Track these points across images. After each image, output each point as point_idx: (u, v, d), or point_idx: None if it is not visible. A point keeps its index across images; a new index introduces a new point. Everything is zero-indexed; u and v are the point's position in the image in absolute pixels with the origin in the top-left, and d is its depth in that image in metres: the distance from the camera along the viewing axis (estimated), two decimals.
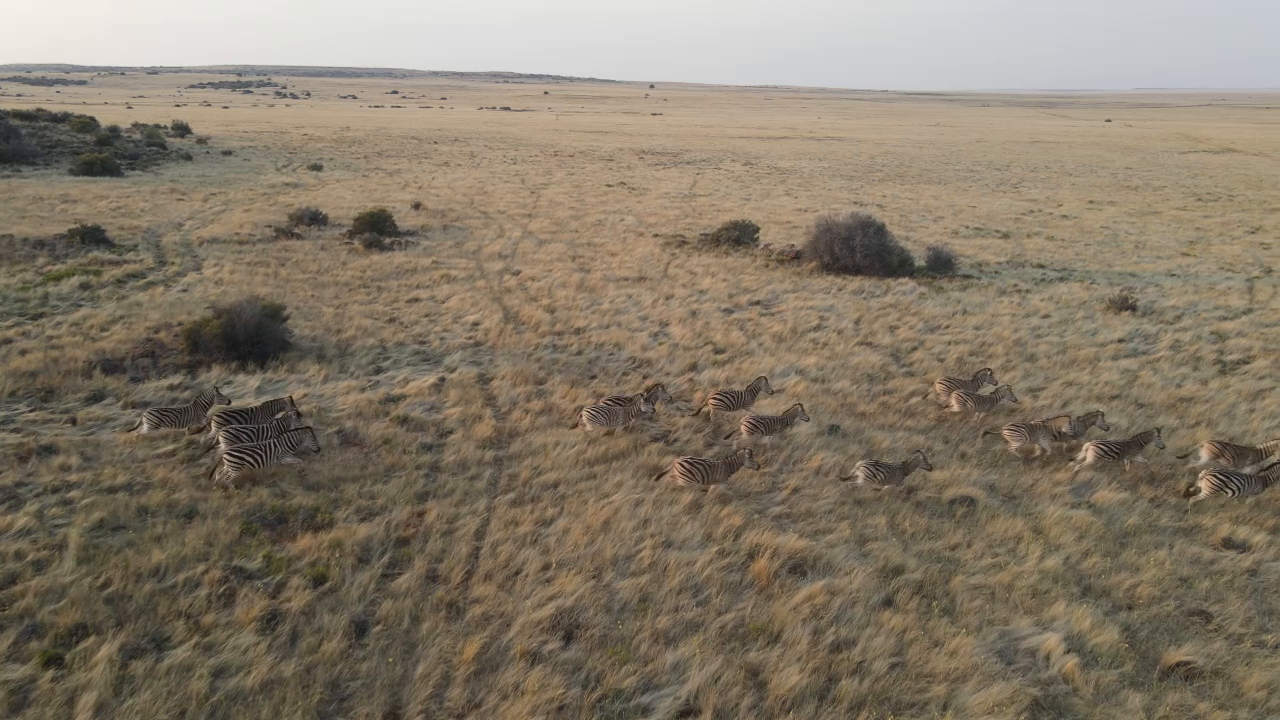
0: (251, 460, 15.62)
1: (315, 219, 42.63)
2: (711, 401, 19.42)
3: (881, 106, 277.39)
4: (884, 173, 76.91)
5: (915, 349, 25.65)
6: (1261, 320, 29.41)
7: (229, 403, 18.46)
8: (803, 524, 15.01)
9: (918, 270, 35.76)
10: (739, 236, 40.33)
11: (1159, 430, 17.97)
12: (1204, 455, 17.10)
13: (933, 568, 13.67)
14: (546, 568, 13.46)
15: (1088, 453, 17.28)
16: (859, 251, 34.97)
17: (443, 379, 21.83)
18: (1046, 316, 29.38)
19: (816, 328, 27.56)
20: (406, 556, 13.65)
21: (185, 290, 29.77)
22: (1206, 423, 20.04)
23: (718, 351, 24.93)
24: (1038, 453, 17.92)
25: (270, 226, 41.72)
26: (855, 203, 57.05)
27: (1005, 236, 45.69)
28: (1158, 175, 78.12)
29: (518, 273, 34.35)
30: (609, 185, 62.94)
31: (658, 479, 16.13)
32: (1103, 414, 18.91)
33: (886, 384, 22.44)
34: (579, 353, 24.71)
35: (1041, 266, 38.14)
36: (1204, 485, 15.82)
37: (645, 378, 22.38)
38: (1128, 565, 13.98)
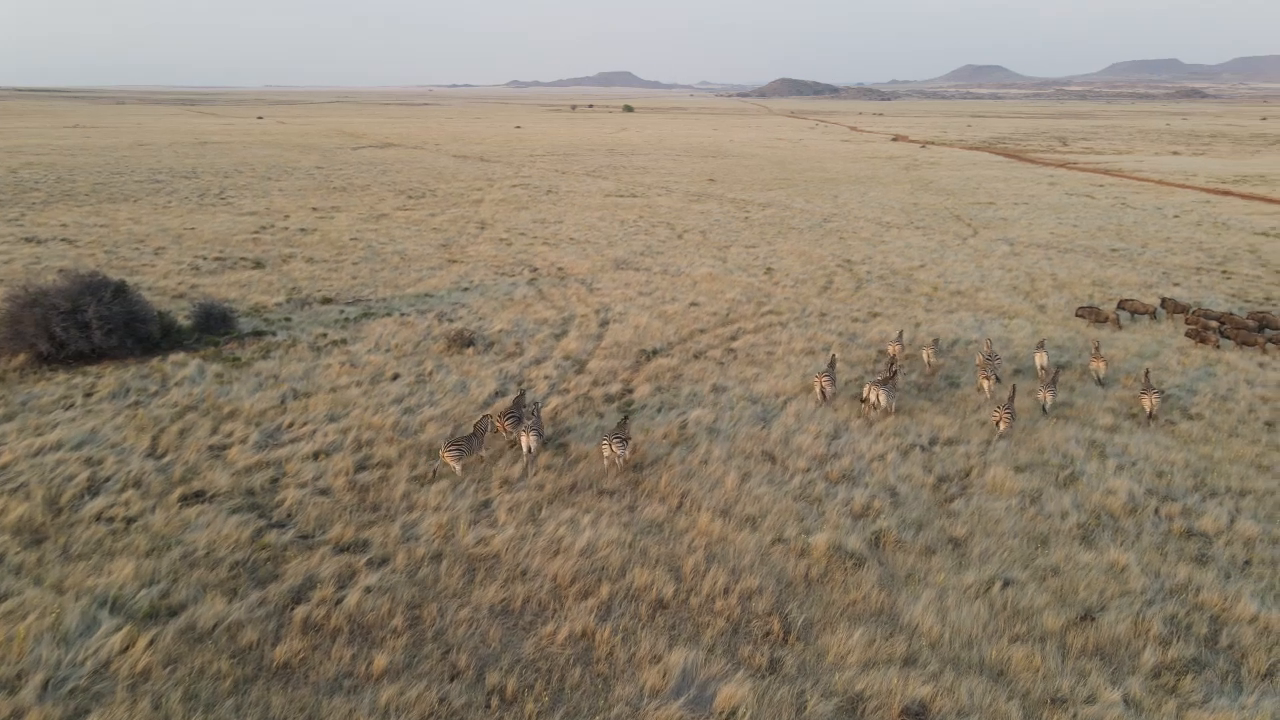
0: None
1: None
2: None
3: None
4: (44, 192, 59.55)
5: (278, 482, 16.88)
6: (585, 331, 28.12)
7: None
8: None
9: (188, 337, 25.75)
10: None
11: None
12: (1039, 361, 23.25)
13: None
14: None
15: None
16: (97, 327, 23.36)
17: None
18: (396, 378, 23.14)
19: (92, 488, 16.38)
20: None
21: None
22: (694, 503, 16.57)
23: None
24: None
25: None
26: (29, 239, 41.62)
27: (259, 265, 37.57)
28: (353, 174, 77.25)
29: None
30: None
31: None
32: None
33: (282, 581, 13.53)
34: None
35: (330, 301, 31.55)
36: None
37: None
38: None
